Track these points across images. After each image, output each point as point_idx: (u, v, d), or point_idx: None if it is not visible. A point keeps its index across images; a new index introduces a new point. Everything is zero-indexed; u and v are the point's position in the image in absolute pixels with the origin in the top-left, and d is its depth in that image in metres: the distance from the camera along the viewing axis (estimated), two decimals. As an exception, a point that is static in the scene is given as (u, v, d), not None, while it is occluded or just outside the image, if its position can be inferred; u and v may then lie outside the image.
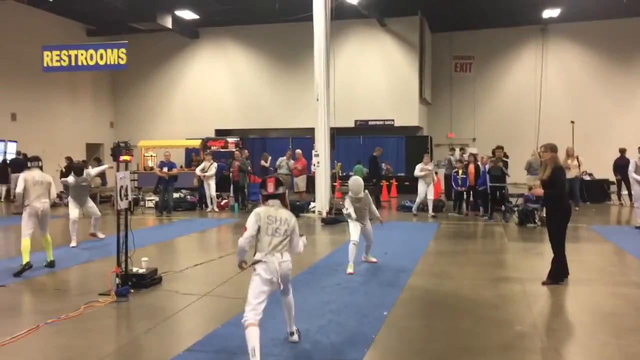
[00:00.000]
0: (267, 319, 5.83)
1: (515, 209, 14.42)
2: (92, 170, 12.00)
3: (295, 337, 5.44)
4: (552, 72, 26.47)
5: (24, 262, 8.57)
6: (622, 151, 18.33)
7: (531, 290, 7.48)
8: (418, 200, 15.83)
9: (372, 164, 17.96)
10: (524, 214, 13.74)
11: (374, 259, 9.26)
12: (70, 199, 11.48)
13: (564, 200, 7.94)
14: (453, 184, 15.97)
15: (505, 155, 15.35)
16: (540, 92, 26.32)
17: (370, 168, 18.10)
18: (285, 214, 5.16)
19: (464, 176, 15.52)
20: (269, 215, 5.07)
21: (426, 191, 15.57)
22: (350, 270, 8.44)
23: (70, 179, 11.36)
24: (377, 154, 17.96)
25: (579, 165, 17.04)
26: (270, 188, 5.21)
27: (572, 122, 20.76)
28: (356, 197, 8.59)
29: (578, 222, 13.56)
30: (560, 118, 23.79)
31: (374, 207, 8.99)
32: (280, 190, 5.23)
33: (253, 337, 4.71)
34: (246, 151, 19.74)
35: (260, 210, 5.12)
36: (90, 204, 11.55)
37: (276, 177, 5.44)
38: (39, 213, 8.88)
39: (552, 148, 7.80)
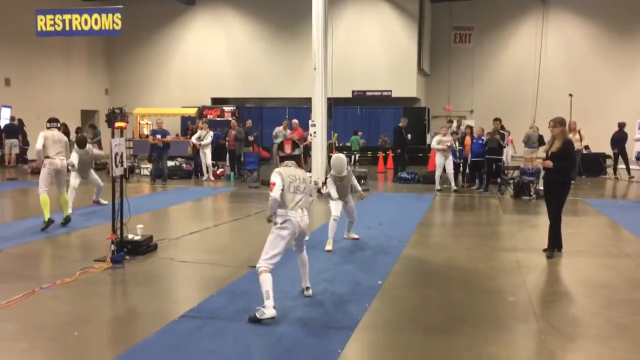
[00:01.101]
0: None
1: (511, 181, 14.44)
2: (96, 151, 12.28)
3: (310, 292, 5.89)
4: (551, 44, 26.25)
5: (46, 219, 9.01)
6: (622, 125, 18.30)
7: (525, 261, 7.53)
8: (438, 173, 15.03)
9: (397, 134, 17.80)
10: (520, 187, 13.76)
11: (355, 236, 8.77)
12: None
13: (570, 173, 8.03)
14: (450, 156, 15.90)
15: (503, 128, 15.30)
16: (540, 64, 26.13)
17: (395, 138, 18.00)
18: (302, 173, 5.62)
19: (460, 148, 15.48)
20: (290, 174, 5.46)
21: (444, 164, 14.82)
22: (329, 247, 8.00)
23: (74, 155, 11.37)
24: (403, 125, 17.60)
25: (581, 140, 17.00)
26: (288, 149, 5.64)
27: (570, 94, 20.67)
28: (339, 176, 8.08)
29: (573, 195, 13.59)
30: (559, 91, 23.66)
31: (355, 181, 8.55)
32: (297, 152, 5.66)
33: (267, 281, 5.17)
34: (249, 121, 19.57)
35: (280, 169, 5.47)
36: (94, 176, 11.81)
37: (293, 139, 5.83)
38: (58, 168, 9.29)
39: (561, 122, 7.78)
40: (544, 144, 16.24)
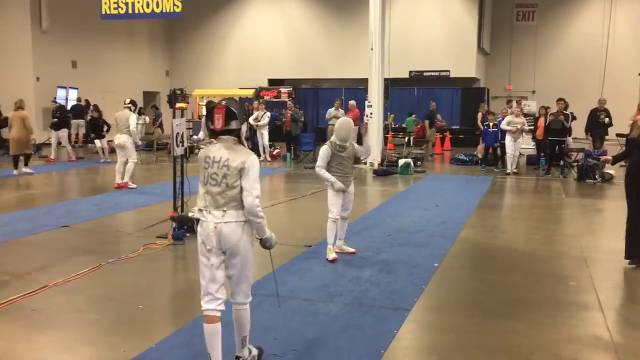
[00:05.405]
0: (327, 265, 5.92)
1: (575, 164, 13.95)
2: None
3: None
4: (621, 21, 24.95)
5: None
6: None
7: (588, 246, 7.29)
8: (509, 155, 14.27)
9: None
10: (584, 170, 13.28)
11: (351, 249, 6.83)
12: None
13: None
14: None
15: (567, 109, 14.75)
16: (607, 42, 24.92)
17: None
18: (229, 153, 3.67)
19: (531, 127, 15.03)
20: (208, 155, 3.72)
21: (513, 146, 14.17)
22: (331, 255, 6.47)
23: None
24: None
25: None
26: (218, 123, 3.70)
27: (640, 74, 19.74)
28: (341, 145, 6.54)
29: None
30: (628, 70, 22.62)
31: (357, 147, 6.87)
32: (233, 125, 3.72)
33: (211, 338, 3.74)
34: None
35: (202, 150, 3.87)
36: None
37: (227, 107, 3.72)
38: None
39: None
40: (611, 125, 15.59)
